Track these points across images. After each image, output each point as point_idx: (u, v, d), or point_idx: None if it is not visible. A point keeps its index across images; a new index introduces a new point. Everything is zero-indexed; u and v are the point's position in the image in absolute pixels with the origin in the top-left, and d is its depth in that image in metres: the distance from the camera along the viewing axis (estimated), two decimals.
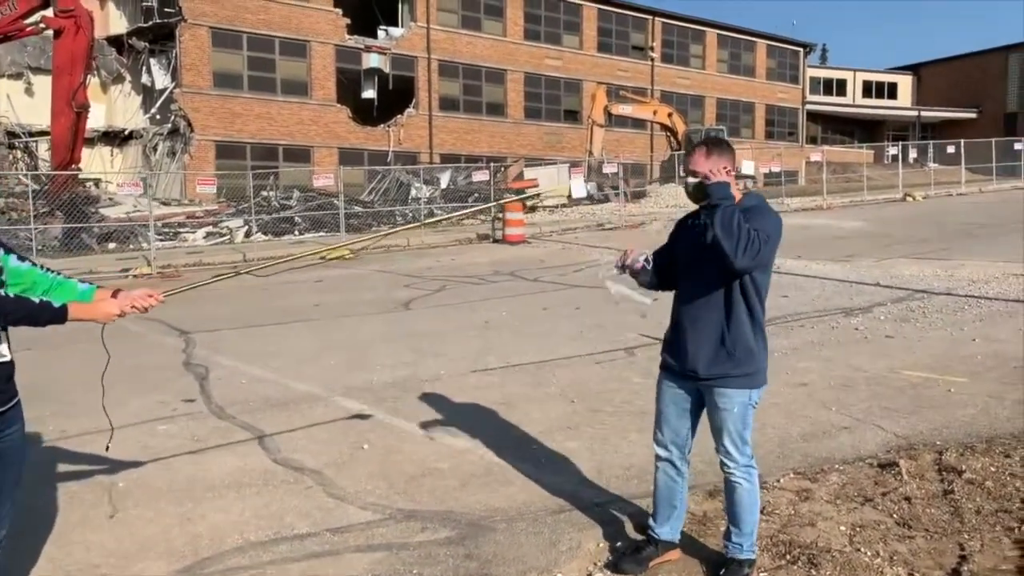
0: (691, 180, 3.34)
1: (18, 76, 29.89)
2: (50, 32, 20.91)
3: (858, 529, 3.96)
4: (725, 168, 3.30)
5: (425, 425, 5.70)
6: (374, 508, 4.38)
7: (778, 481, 4.61)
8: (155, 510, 4.40)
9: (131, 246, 20.89)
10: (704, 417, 3.54)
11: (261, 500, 4.51)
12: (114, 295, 3.13)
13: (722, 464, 3.48)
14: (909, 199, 29.28)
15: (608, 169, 30.22)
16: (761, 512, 4.18)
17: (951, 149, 34.37)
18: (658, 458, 3.62)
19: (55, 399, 6.45)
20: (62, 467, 5.02)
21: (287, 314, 10.83)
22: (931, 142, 41.10)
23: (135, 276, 15.65)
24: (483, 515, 4.26)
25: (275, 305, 11.76)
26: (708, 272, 3.33)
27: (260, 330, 9.76)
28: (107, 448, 4.19)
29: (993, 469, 4.61)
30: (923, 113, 55.91)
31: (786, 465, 4.88)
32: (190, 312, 11.13)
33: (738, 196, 3.34)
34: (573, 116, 39.04)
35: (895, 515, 4.11)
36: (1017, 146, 36.64)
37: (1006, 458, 4.76)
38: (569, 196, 18.68)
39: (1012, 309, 9.46)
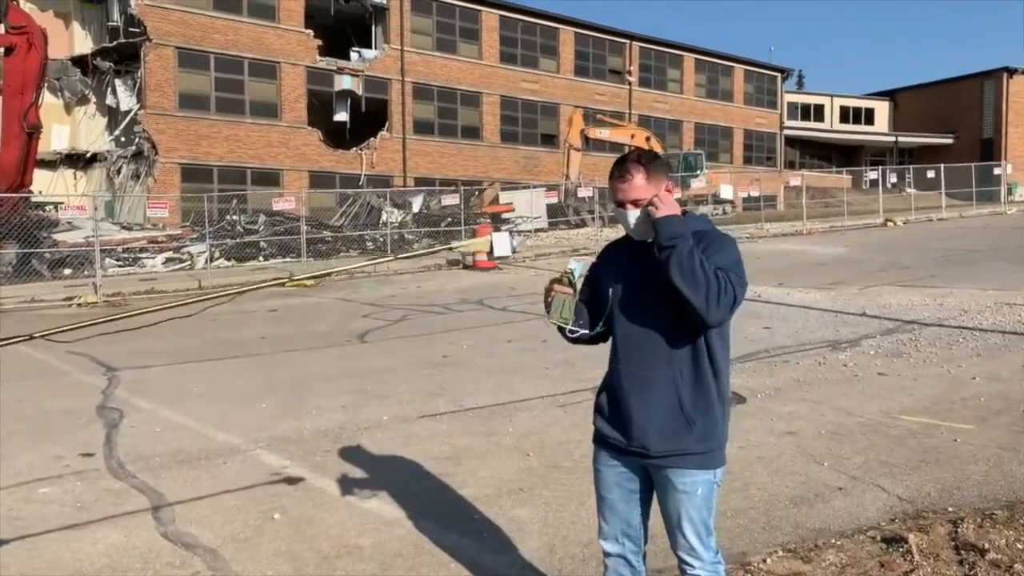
0: (632, 213, 2.58)
1: None
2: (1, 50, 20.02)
3: None
4: (666, 187, 2.58)
5: (352, 487, 4.87)
6: None
7: (764, 561, 3.83)
8: None
9: (86, 272, 19.90)
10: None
11: None
12: None
13: (683, 565, 2.68)
14: (890, 224, 28.86)
15: (584, 193, 29.64)
16: None
17: (931, 174, 34.11)
18: (607, 555, 2.81)
19: None
20: None
21: (229, 348, 9.97)
22: (911, 167, 40.89)
23: (79, 305, 14.71)
24: None
25: (219, 338, 10.89)
26: (659, 314, 2.56)
27: (194, 367, 8.89)
28: None
29: (1021, 546, 3.85)
30: (900, 138, 55.98)
31: (774, 539, 4.10)
32: (124, 347, 10.24)
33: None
34: (550, 140, 38.49)
35: None
36: (996, 171, 36.49)
37: None
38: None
39: (1010, 342, 8.79)
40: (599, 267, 2.77)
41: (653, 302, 2.56)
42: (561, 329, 2.70)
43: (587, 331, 2.71)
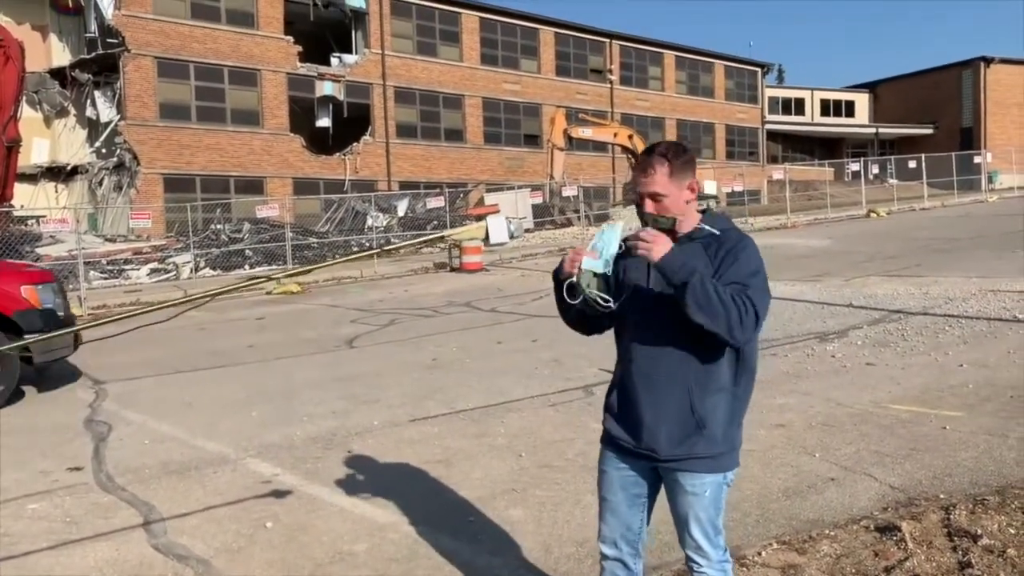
0: (651, 210, 2.49)
1: None
2: None
3: None
4: (690, 186, 2.52)
5: (344, 494, 4.84)
6: None
7: (759, 554, 3.84)
8: None
9: (71, 286, 19.73)
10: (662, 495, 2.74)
11: None
12: None
13: (691, 563, 2.67)
14: (873, 215, 29.04)
15: (568, 192, 29.67)
16: None
17: (912, 164, 34.35)
18: (604, 557, 2.78)
19: None
20: None
21: (217, 357, 9.91)
22: (892, 157, 41.14)
23: None
24: None
25: (207, 347, 10.83)
26: (674, 315, 2.42)
27: (182, 377, 8.83)
28: None
29: (1013, 531, 3.87)
30: (881, 130, 56.31)
31: (767, 532, 4.11)
32: (112, 359, 10.17)
33: (697, 218, 2.58)
34: (533, 140, 38.51)
35: None
36: (977, 159, 36.76)
37: None
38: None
39: (995, 329, 8.85)
40: (622, 258, 2.62)
41: (669, 302, 2.44)
42: (590, 300, 2.50)
43: (613, 305, 2.51)
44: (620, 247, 2.52)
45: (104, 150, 30.09)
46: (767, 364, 7.84)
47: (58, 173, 30.46)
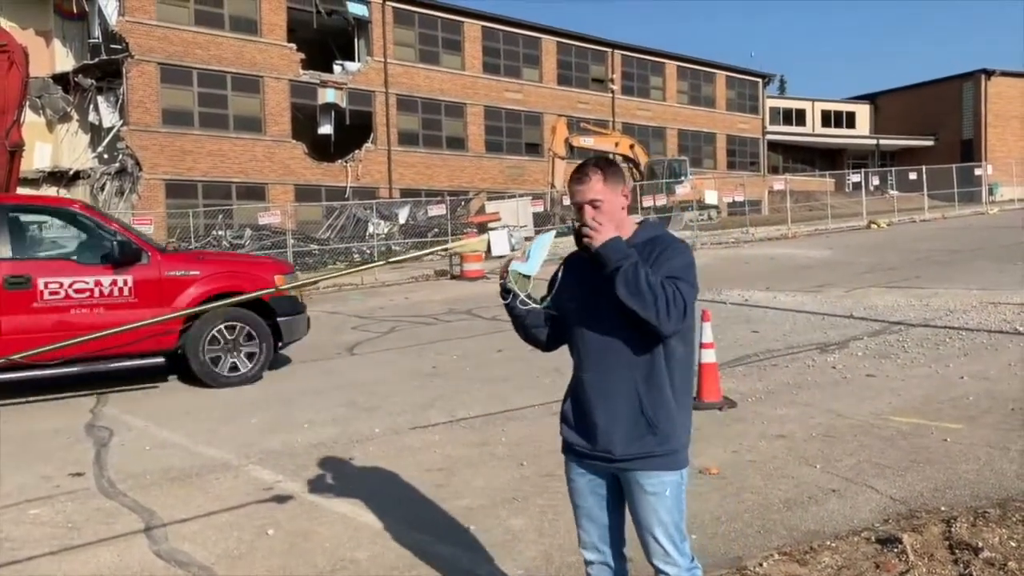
0: (590, 215, 2.59)
1: None
2: None
3: None
4: (623, 192, 2.63)
5: (346, 501, 4.85)
6: None
7: (760, 565, 3.84)
8: None
9: None
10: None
11: None
12: None
13: (660, 574, 2.67)
14: (874, 226, 29.05)
15: (569, 201, 29.73)
16: None
17: (913, 176, 34.36)
18: (588, 563, 2.81)
19: None
20: None
21: None
22: (893, 169, 41.22)
23: None
24: None
25: None
26: (615, 321, 2.54)
27: (182, 383, 8.83)
28: None
29: (1014, 544, 3.87)
30: (882, 141, 56.38)
31: (769, 543, 4.11)
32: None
33: (633, 228, 2.67)
34: (535, 149, 38.58)
35: None
36: (977, 171, 36.81)
37: None
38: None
39: (996, 341, 8.86)
40: (562, 275, 2.77)
41: (609, 309, 2.54)
42: (515, 297, 2.68)
43: (537, 305, 2.70)
44: (548, 253, 2.69)
45: (106, 155, 30.13)
46: (769, 374, 7.85)
47: (60, 178, 30.48)
